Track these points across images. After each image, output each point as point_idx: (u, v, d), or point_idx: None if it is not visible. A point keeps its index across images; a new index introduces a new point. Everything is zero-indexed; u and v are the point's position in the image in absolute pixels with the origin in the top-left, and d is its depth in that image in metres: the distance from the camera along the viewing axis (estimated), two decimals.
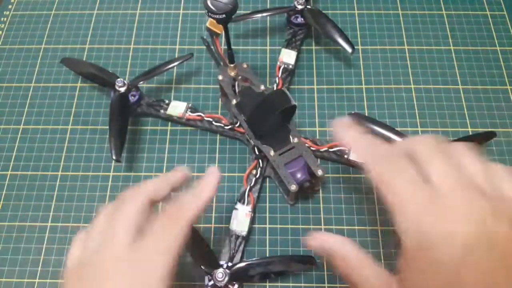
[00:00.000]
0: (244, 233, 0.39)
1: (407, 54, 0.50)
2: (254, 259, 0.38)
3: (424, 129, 0.45)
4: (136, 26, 0.53)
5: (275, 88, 0.45)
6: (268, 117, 0.39)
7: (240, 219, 0.39)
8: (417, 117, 0.46)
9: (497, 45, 0.51)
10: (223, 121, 0.44)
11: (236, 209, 0.40)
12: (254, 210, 0.40)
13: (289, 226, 0.41)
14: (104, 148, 0.45)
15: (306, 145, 0.41)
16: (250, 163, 0.42)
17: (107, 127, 0.42)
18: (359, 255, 0.27)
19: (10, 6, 0.55)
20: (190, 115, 0.44)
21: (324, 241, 0.28)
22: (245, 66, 0.44)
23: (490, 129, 0.45)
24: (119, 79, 0.44)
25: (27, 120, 0.47)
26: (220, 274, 0.35)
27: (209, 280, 0.35)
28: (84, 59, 0.50)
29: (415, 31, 0.52)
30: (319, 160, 0.43)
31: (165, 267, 0.27)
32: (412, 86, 0.48)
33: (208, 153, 0.45)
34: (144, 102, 0.45)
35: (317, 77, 0.49)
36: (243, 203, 0.40)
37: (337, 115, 0.46)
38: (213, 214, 0.42)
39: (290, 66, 0.47)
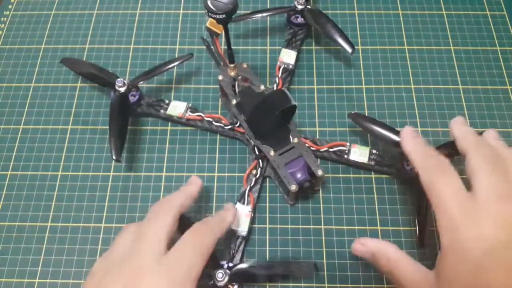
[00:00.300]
0: (244, 233, 0.39)
1: (407, 54, 0.50)
2: (255, 261, 0.38)
3: (424, 129, 0.45)
4: (136, 26, 0.53)
5: (275, 88, 0.45)
6: (268, 117, 0.39)
7: (240, 219, 0.39)
8: (417, 117, 0.46)
9: (497, 45, 0.51)
10: (223, 121, 0.44)
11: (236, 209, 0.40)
12: (254, 210, 0.40)
13: (289, 226, 0.41)
14: (104, 148, 0.45)
15: (306, 145, 0.41)
16: (250, 163, 0.42)
17: (107, 127, 0.42)
18: (401, 255, 0.31)
19: (10, 6, 0.55)
20: (190, 115, 0.44)
21: (369, 245, 0.33)
22: (245, 66, 0.44)
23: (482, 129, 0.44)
24: (119, 79, 0.43)
25: (27, 120, 0.47)
26: (220, 274, 0.35)
27: (209, 280, 0.35)
28: (84, 59, 0.51)
29: (415, 31, 0.52)
30: (319, 160, 0.43)
31: (191, 278, 0.29)
32: (412, 86, 0.48)
33: (208, 153, 0.45)
34: (144, 102, 0.45)
35: (317, 77, 0.49)
36: (243, 203, 0.40)
37: (337, 115, 0.46)
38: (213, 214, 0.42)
39: (290, 66, 0.47)
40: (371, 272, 0.39)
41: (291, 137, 0.40)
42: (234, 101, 0.42)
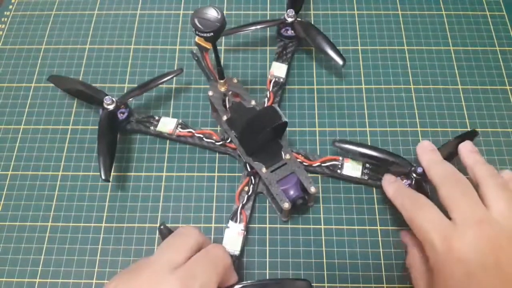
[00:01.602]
0: (237, 253, 0.38)
1: (407, 55, 0.50)
2: (248, 282, 0.36)
3: (423, 129, 0.45)
4: (137, 27, 0.53)
5: (266, 103, 0.45)
6: (259, 134, 0.38)
7: (233, 238, 0.38)
8: (417, 117, 0.46)
9: (496, 45, 0.51)
10: (214, 137, 0.43)
11: (228, 227, 0.39)
12: (246, 229, 0.39)
13: (289, 226, 0.41)
14: None
15: (298, 160, 0.40)
16: (241, 180, 0.42)
17: None
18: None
19: (10, 7, 0.55)
20: (180, 131, 0.44)
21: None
22: (235, 81, 0.43)
23: (470, 129, 0.44)
24: (107, 97, 0.42)
25: (28, 120, 0.47)
26: None
27: None
28: (84, 59, 0.51)
29: (415, 31, 0.52)
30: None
31: None
32: (412, 86, 0.48)
33: (206, 171, 0.44)
34: (133, 119, 0.44)
35: (317, 77, 0.49)
36: (235, 221, 0.39)
37: (337, 115, 0.46)
38: (214, 213, 0.42)
39: (281, 80, 0.46)
40: (371, 272, 0.39)
41: (283, 153, 0.40)
42: (224, 117, 0.42)
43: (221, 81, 0.42)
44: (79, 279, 0.39)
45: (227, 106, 0.42)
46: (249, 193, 0.40)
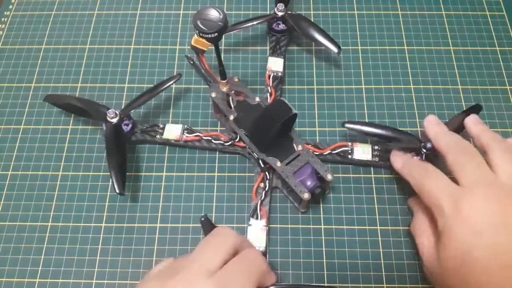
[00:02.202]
0: (262, 249, 0.38)
1: (407, 55, 0.50)
2: (284, 284, 0.37)
3: (423, 129, 0.45)
4: (137, 27, 0.53)
5: (268, 98, 0.45)
6: (270, 129, 0.38)
7: (257, 235, 0.39)
8: (417, 117, 0.46)
9: (496, 45, 0.51)
10: (222, 138, 0.43)
11: (250, 225, 0.39)
12: (268, 224, 0.40)
13: (289, 226, 0.41)
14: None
15: (310, 151, 0.40)
16: (256, 177, 0.42)
17: None
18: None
19: (10, 7, 0.55)
20: (187, 136, 0.43)
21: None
22: (236, 80, 0.43)
23: (470, 110, 0.44)
24: (110, 110, 0.42)
25: (28, 120, 0.47)
26: None
27: None
28: (84, 59, 0.51)
29: (415, 31, 0.52)
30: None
31: None
32: (412, 86, 0.48)
33: (206, 171, 0.44)
34: (138, 129, 0.44)
35: (317, 77, 0.49)
36: (256, 218, 0.40)
37: (337, 116, 0.46)
38: (214, 213, 0.42)
39: (279, 74, 0.47)
40: (370, 272, 0.39)
41: (294, 145, 0.40)
42: (231, 117, 0.41)
43: (223, 81, 0.42)
44: (79, 279, 0.39)
45: (232, 106, 0.42)
46: (266, 189, 0.41)
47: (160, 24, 0.53)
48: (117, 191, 0.39)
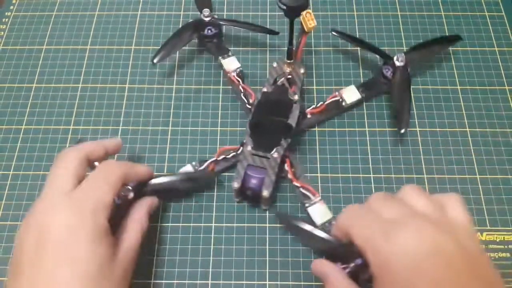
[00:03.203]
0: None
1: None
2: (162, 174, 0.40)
3: (422, 129, 0.46)
4: (137, 27, 0.53)
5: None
6: (269, 115, 0.39)
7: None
8: (416, 117, 0.47)
9: (495, 46, 0.51)
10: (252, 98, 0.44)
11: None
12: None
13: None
14: None
15: (284, 167, 0.41)
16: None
17: (109, 127, 0.42)
18: (346, 285, 0.31)
19: (11, 7, 0.55)
20: (234, 76, 0.46)
21: (323, 266, 0.33)
22: (302, 71, 0.44)
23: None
24: (206, 9, 0.47)
25: (29, 120, 0.47)
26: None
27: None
28: (85, 60, 0.51)
29: (414, 32, 0.52)
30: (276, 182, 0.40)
31: (101, 208, 0.32)
32: (411, 86, 0.48)
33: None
34: (217, 40, 0.49)
35: (317, 78, 0.49)
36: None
37: (337, 116, 0.47)
38: (214, 213, 0.42)
39: (344, 103, 0.46)
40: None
41: (274, 150, 0.40)
42: (264, 89, 0.43)
43: (289, 61, 0.43)
44: None
45: (270, 84, 0.43)
46: (229, 156, 0.42)
47: (160, 25, 0.53)
48: (153, 60, 0.45)
